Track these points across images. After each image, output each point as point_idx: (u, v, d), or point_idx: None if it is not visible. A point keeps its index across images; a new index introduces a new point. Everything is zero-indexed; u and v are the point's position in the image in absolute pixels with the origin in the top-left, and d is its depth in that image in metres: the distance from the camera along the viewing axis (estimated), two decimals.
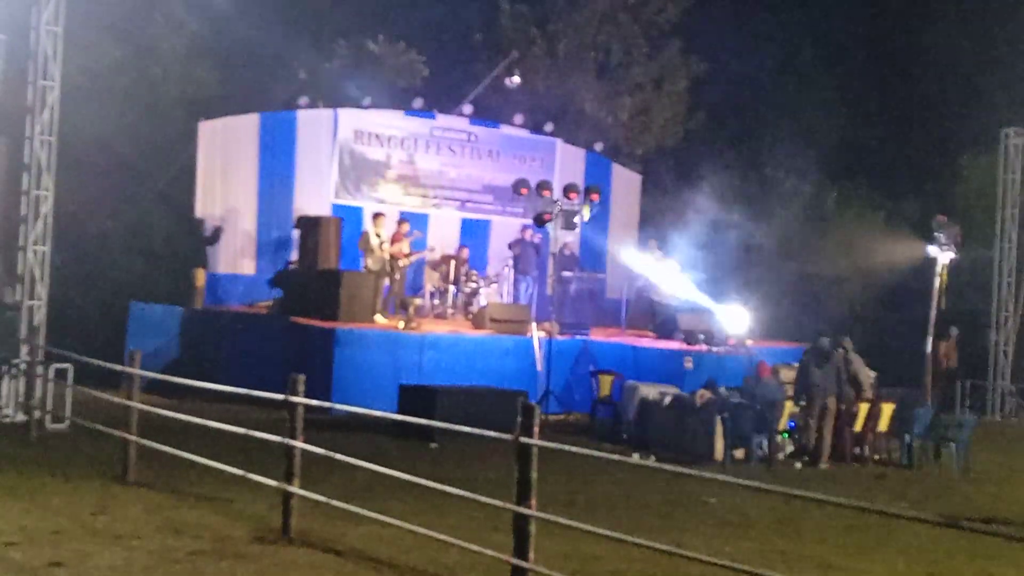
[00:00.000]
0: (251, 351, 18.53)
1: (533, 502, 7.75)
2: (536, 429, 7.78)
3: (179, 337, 19.81)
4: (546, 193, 20.32)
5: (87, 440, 13.35)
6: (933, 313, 19.69)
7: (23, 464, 12.27)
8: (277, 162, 21.89)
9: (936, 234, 19.66)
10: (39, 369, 14.73)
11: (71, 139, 16.66)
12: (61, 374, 14.73)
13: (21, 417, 14.76)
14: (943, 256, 19.53)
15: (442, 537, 8.69)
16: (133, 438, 11.59)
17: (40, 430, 14.23)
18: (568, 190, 20.31)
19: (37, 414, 14.37)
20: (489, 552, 8.21)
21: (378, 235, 20.12)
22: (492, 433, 8.22)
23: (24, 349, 15.08)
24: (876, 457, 16.49)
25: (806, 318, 24.67)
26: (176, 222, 21.59)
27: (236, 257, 21.49)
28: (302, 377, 9.65)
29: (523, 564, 7.73)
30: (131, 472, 11.53)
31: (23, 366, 14.99)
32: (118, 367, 12.22)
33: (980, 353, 23.91)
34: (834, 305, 27.10)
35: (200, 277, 20.27)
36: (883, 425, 16.51)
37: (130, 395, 11.74)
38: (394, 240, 20.43)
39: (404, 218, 21.30)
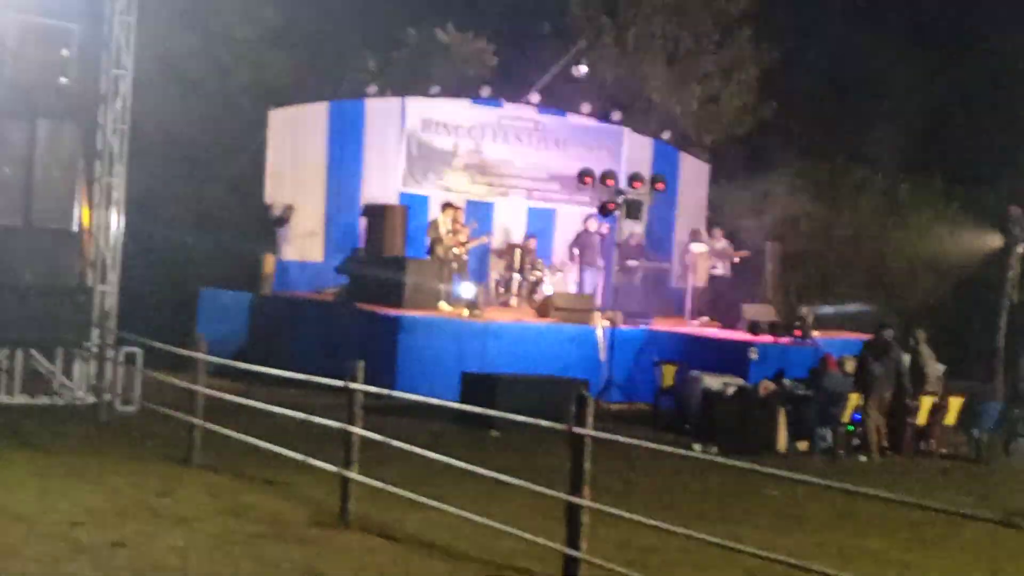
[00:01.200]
0: (318, 337, 18.73)
1: (586, 491, 7.77)
2: (590, 419, 7.79)
3: (248, 323, 20.09)
4: (610, 182, 20.30)
5: (154, 423, 13.59)
6: (1005, 305, 19.37)
7: (92, 445, 12.56)
8: (345, 150, 22.05)
9: (1010, 225, 19.33)
10: (109, 353, 15.03)
11: (143, 127, 16.94)
12: (131, 358, 14.99)
13: (92, 399, 15.07)
14: (1017, 247, 19.20)
15: (497, 525, 8.74)
16: (198, 422, 11.79)
17: (109, 412, 14.51)
18: (633, 179, 20.24)
19: (107, 397, 14.66)
20: (542, 541, 8.25)
21: (447, 223, 20.20)
22: (545, 423, 8.25)
23: (95, 333, 15.39)
24: (943, 451, 16.27)
25: (877, 309, 24.37)
26: (246, 209, 21.86)
27: (304, 244, 21.69)
28: (361, 364, 9.75)
29: (575, 553, 7.76)
30: (195, 455, 11.74)
31: (94, 349, 15.30)
32: (185, 352, 12.41)
33: None
34: (906, 297, 26.72)
35: (269, 263, 20.52)
36: (951, 419, 16.28)
37: (195, 379, 11.94)
38: (455, 230, 20.51)
39: (457, 207, 21.22)
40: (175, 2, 20.52)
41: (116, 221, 15.83)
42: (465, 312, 18.80)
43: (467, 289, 19.50)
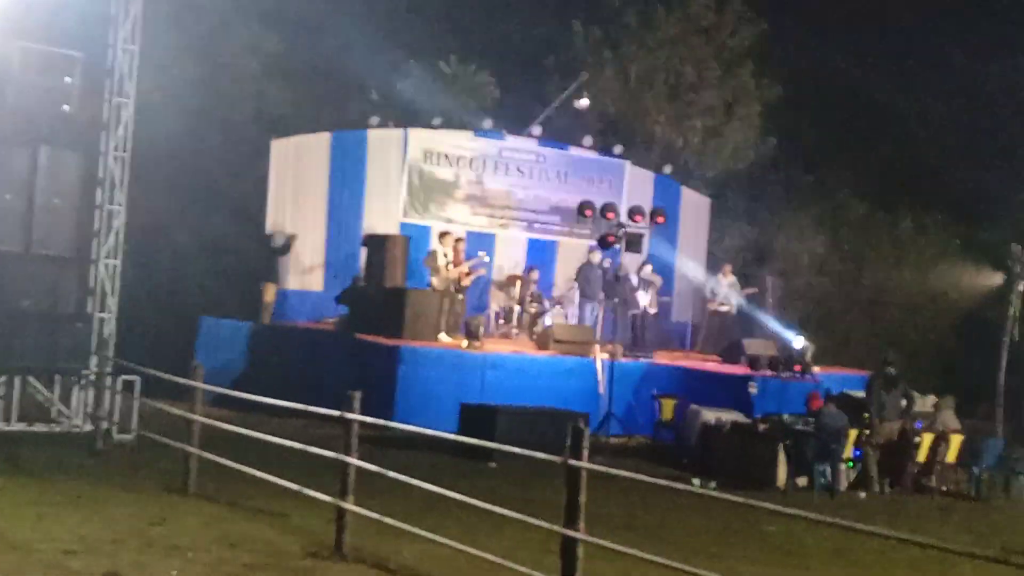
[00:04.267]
0: (317, 367, 18.68)
1: (581, 525, 7.72)
2: (585, 452, 7.75)
3: (247, 352, 20.03)
4: (611, 215, 20.30)
5: (151, 451, 13.54)
6: (1006, 343, 19.34)
7: (87, 473, 12.50)
8: (347, 180, 22.08)
9: (1011, 263, 19.34)
10: (108, 381, 14.99)
11: (144, 155, 16.95)
12: (129, 386, 14.96)
13: (89, 427, 15.02)
14: (1018, 285, 19.19)
15: (493, 558, 8.67)
16: (195, 450, 11.74)
17: (106, 440, 14.46)
18: (633, 212, 20.25)
19: (104, 424, 14.61)
20: (538, 575, 8.18)
21: (445, 254, 20.21)
22: (541, 455, 8.21)
23: (93, 361, 15.35)
24: (943, 488, 16.19)
25: (877, 345, 24.33)
26: (247, 238, 21.85)
27: (305, 274, 21.70)
28: (358, 394, 9.72)
29: None
30: (191, 484, 11.68)
31: (92, 377, 15.26)
32: (183, 380, 12.38)
33: None
34: (907, 332, 26.70)
35: (270, 292, 20.49)
36: (951, 456, 16.22)
37: (192, 408, 11.90)
38: (456, 261, 20.52)
39: (459, 237, 21.29)
40: (178, 31, 20.61)
41: (116, 248, 15.82)
42: (464, 343, 18.77)
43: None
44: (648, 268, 22.75)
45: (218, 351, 19.59)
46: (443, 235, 20.72)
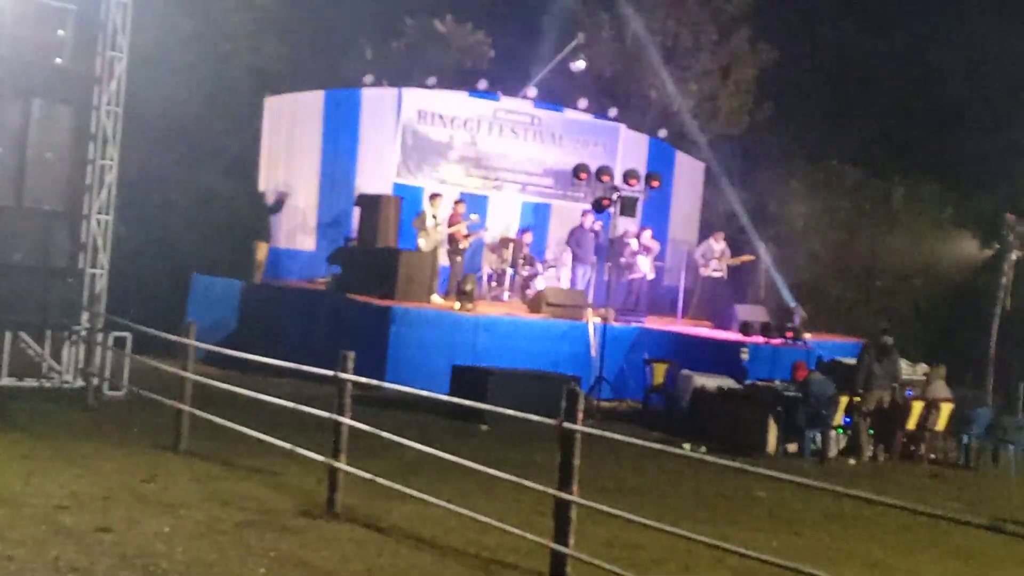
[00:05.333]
0: (308, 326, 18.66)
1: (575, 488, 7.73)
2: (580, 415, 7.74)
3: (238, 310, 20.00)
4: (606, 178, 20.23)
5: (142, 408, 13.52)
6: (998, 313, 19.37)
7: (78, 429, 12.49)
8: (340, 140, 21.96)
9: (1004, 232, 19.33)
10: (99, 337, 14.96)
11: (137, 110, 16.83)
12: (120, 342, 14.92)
13: (80, 383, 14.99)
14: (1011, 255, 19.20)
15: (485, 519, 8.69)
16: (186, 408, 11.73)
17: (97, 397, 14.43)
18: (628, 176, 20.18)
19: (95, 381, 14.58)
20: (530, 536, 8.20)
21: (434, 216, 20.14)
22: (536, 417, 8.20)
23: (85, 316, 15.30)
24: (932, 456, 16.27)
25: (869, 313, 24.37)
26: (239, 196, 21.75)
27: (296, 233, 21.62)
28: (351, 354, 9.69)
29: (563, 549, 7.71)
30: (183, 441, 11.68)
31: (83, 333, 15.21)
32: (175, 338, 12.34)
33: None
34: (898, 301, 26.71)
35: (261, 251, 20.42)
36: (941, 424, 16.28)
37: (184, 366, 11.87)
38: (451, 222, 20.44)
39: (461, 199, 21.28)
40: None
41: (108, 204, 15.72)
42: (456, 305, 18.75)
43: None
44: (648, 233, 22.71)
45: (209, 309, 19.57)
46: (434, 196, 20.64)
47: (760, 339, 18.69)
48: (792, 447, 15.57)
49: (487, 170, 23.20)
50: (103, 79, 15.60)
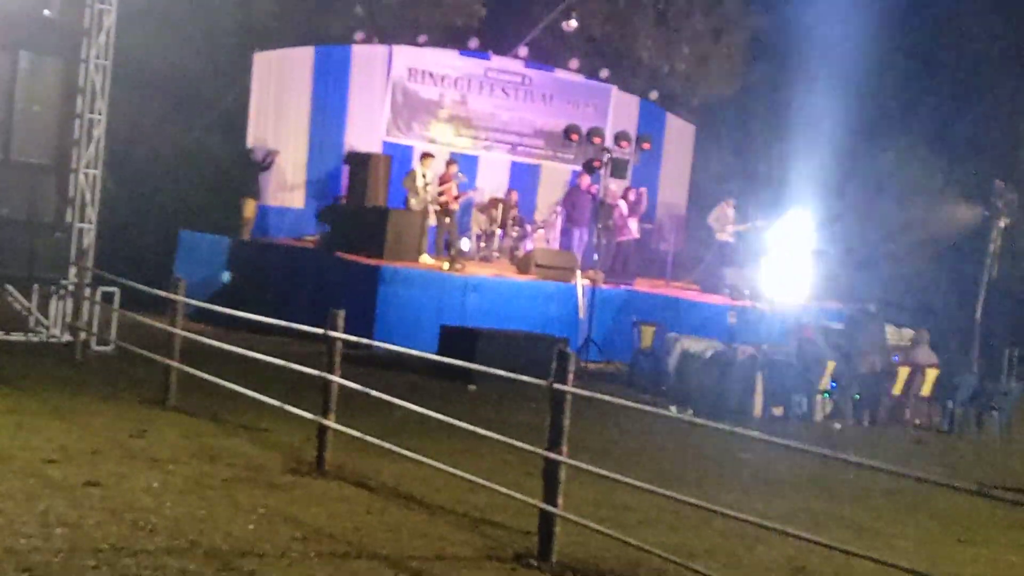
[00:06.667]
0: (296, 284, 18.63)
1: (564, 448, 7.75)
2: (571, 376, 7.75)
3: (226, 267, 19.93)
4: (597, 140, 20.20)
5: (130, 364, 13.51)
6: (985, 279, 19.43)
7: (66, 384, 12.46)
8: (330, 97, 21.85)
9: (993, 199, 19.35)
10: (87, 291, 14.89)
11: (126, 64, 16.69)
12: (108, 297, 14.87)
13: (67, 338, 14.95)
14: (999, 222, 19.24)
15: (473, 478, 8.72)
16: (175, 364, 11.71)
17: (85, 352, 14.41)
18: (619, 138, 20.13)
19: (83, 336, 14.55)
20: (519, 496, 8.24)
21: (424, 175, 20.06)
22: (526, 378, 8.21)
23: (72, 271, 15.24)
24: (917, 422, 16.36)
25: (857, 279, 24.39)
26: (228, 152, 21.63)
27: (285, 190, 21.54)
28: (341, 312, 9.68)
29: (551, 509, 7.75)
30: (172, 397, 11.68)
31: (71, 288, 15.16)
32: (163, 293, 12.31)
33: None
34: (885, 267, 26.78)
35: (249, 208, 20.35)
36: (926, 390, 16.36)
37: (173, 322, 11.85)
38: (442, 181, 20.37)
39: (453, 159, 21.21)
40: None
41: (96, 158, 15.62)
42: (445, 265, 18.73)
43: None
44: (641, 192, 22.59)
45: (197, 265, 19.49)
46: (424, 156, 20.54)
47: (748, 303, 18.73)
48: (778, 411, 15.64)
49: (477, 129, 23.13)
50: (92, 32, 15.44)
